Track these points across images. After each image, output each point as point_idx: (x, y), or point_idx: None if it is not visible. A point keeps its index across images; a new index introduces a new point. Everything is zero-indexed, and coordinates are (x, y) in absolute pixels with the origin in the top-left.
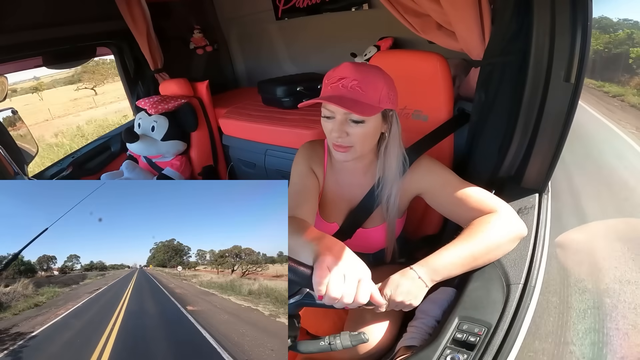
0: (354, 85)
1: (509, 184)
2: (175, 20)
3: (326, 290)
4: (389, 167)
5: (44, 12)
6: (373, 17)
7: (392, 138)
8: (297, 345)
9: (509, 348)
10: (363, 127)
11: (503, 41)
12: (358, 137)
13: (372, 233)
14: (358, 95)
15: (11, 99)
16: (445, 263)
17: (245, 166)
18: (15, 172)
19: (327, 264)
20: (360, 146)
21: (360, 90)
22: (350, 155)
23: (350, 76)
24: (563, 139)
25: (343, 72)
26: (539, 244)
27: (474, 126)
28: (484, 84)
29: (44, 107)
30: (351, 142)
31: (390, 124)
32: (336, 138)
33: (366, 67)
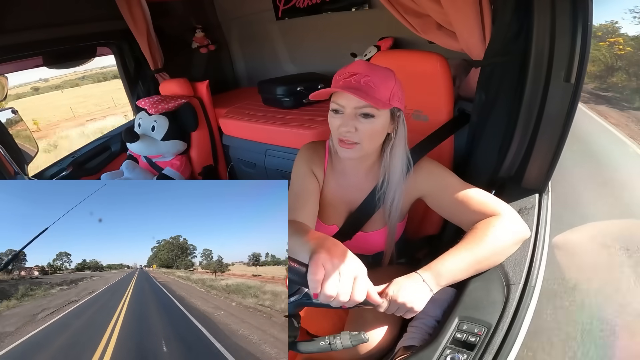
0: (367, 80)
1: (509, 184)
2: (175, 20)
3: (321, 288)
4: (394, 169)
5: (44, 12)
6: (373, 17)
7: (398, 139)
8: (297, 345)
9: (509, 348)
10: (372, 122)
11: (503, 41)
12: (366, 133)
13: (372, 237)
14: (370, 90)
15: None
16: (449, 268)
17: (245, 166)
18: (15, 172)
19: (322, 262)
20: (367, 143)
21: (373, 86)
22: (355, 152)
23: (363, 72)
24: (563, 139)
25: (356, 68)
26: (539, 244)
27: (474, 126)
28: (485, 84)
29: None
30: (359, 138)
31: (397, 124)
32: (345, 133)
33: (378, 66)
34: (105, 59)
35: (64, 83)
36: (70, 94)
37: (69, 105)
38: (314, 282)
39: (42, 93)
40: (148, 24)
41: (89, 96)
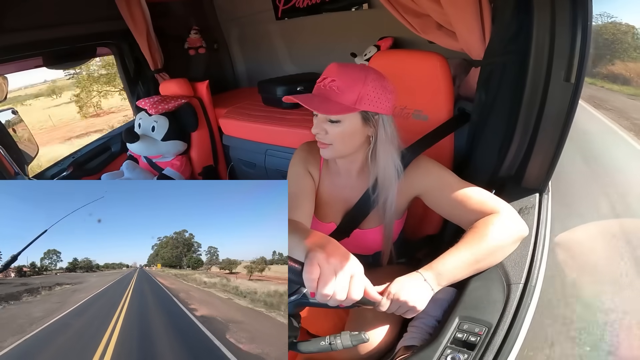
0: (332, 85)
1: (509, 183)
2: (175, 21)
3: (317, 286)
4: (381, 171)
5: (44, 12)
6: (373, 17)
7: (380, 143)
8: (298, 345)
9: (509, 348)
10: (339, 126)
11: (503, 41)
12: (335, 136)
13: (369, 234)
14: (333, 95)
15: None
16: (450, 267)
17: (245, 166)
18: (15, 172)
19: (317, 260)
20: (339, 145)
21: (337, 90)
22: (329, 152)
23: (330, 76)
24: (563, 138)
25: (328, 72)
26: (539, 244)
27: (474, 126)
28: (484, 84)
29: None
30: (330, 140)
31: (376, 127)
32: (316, 134)
33: (351, 68)
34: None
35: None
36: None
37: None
38: (310, 281)
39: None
40: (148, 24)
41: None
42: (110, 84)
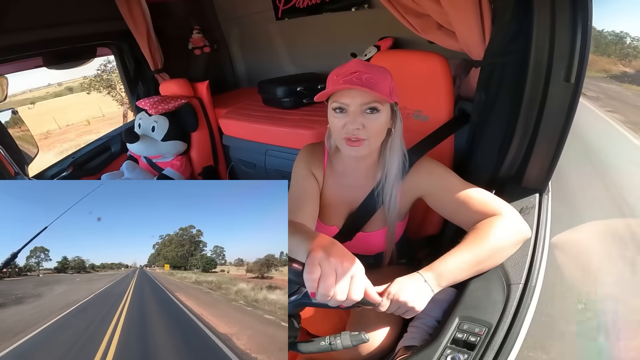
0: (368, 77)
1: (510, 183)
2: (175, 21)
3: (318, 287)
4: (391, 165)
5: (44, 12)
6: (373, 17)
7: (397, 134)
8: (298, 346)
9: (509, 348)
10: (378, 116)
11: (503, 41)
12: (373, 129)
13: (372, 237)
14: (374, 86)
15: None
16: (451, 268)
17: (245, 166)
18: (15, 172)
19: (318, 261)
20: (374, 139)
21: (375, 82)
22: (363, 149)
23: (362, 70)
24: (563, 139)
25: (355, 67)
26: (539, 244)
27: (474, 126)
28: (485, 84)
29: None
30: (367, 135)
31: (395, 119)
32: (353, 130)
33: (373, 64)
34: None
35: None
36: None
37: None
38: (310, 281)
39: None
40: (148, 24)
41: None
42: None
